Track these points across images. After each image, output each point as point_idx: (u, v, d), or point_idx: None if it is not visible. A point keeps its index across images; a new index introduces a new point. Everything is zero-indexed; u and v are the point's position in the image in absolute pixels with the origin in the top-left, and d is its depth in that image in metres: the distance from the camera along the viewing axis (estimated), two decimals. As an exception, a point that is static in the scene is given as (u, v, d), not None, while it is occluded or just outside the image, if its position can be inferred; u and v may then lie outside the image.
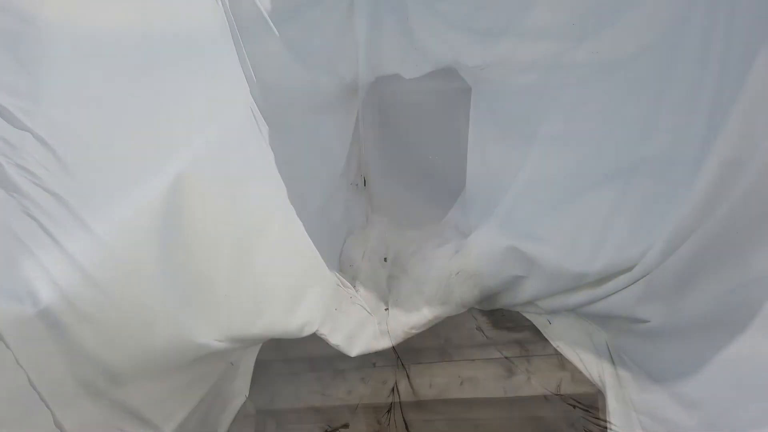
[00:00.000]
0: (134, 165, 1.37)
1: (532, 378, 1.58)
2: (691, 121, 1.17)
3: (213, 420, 1.85)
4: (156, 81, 1.38)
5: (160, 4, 1.38)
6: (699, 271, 0.94)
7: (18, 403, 1.16)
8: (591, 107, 1.54)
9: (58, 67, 1.21)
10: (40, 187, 1.19)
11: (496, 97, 1.75)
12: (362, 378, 1.82)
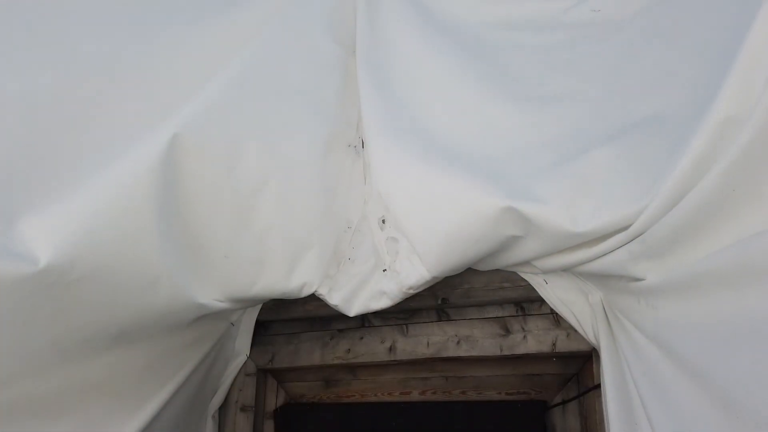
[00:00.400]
0: (131, 123, 1.36)
1: (528, 336, 1.61)
2: (692, 81, 1.16)
3: (215, 378, 1.89)
4: (153, 36, 1.36)
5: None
6: (695, 229, 0.94)
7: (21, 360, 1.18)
8: (592, 66, 1.52)
9: (48, 22, 1.18)
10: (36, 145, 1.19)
11: (497, 57, 1.72)
12: (361, 337, 1.85)
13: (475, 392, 1.77)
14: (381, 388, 1.89)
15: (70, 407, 1.33)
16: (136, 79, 1.44)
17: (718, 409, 0.86)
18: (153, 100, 1.44)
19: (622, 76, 1.40)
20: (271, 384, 2.03)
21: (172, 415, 1.62)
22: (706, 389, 0.90)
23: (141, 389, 1.52)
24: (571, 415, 1.62)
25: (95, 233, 1.15)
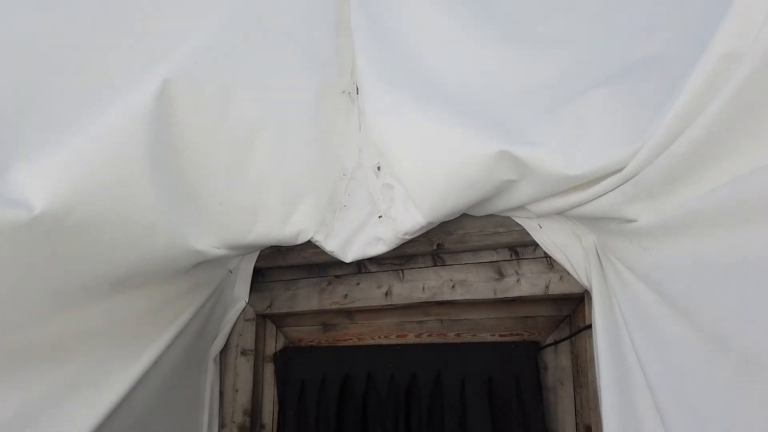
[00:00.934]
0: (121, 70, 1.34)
1: (521, 280, 1.64)
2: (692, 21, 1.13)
3: (215, 323, 1.92)
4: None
5: None
6: (690, 168, 0.94)
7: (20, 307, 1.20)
8: (588, 8, 1.49)
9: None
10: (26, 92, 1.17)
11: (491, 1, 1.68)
12: (357, 283, 1.88)
13: (469, 334, 1.81)
14: (378, 332, 1.93)
15: (72, 353, 1.36)
16: (126, 24, 1.40)
17: (705, 344, 0.89)
18: (143, 45, 1.40)
19: (620, 17, 1.37)
20: (270, 329, 2.07)
21: (173, 359, 1.66)
22: (694, 326, 0.92)
23: (142, 335, 1.55)
24: (563, 354, 1.67)
25: (89, 179, 1.15)
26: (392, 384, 1.82)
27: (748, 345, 0.78)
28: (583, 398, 1.59)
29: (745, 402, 0.77)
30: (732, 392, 0.80)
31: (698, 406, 0.86)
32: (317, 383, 1.90)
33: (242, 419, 1.95)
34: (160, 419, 1.65)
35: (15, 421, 1.22)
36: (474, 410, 1.67)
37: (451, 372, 1.74)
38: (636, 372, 1.15)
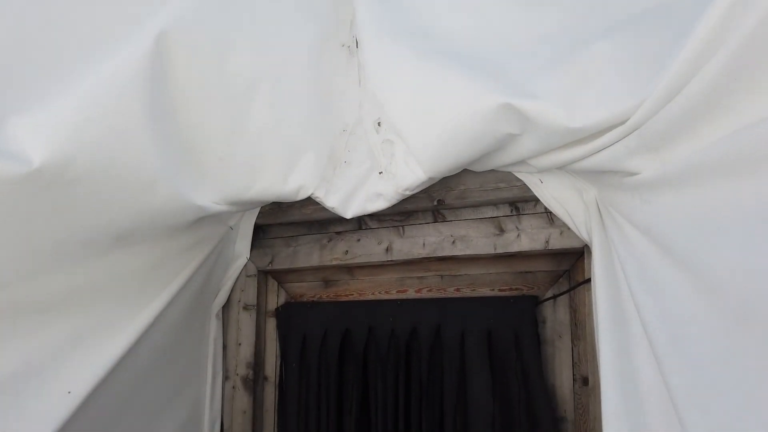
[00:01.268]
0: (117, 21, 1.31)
1: (521, 235, 1.64)
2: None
3: (216, 279, 1.94)
4: None
5: None
6: (693, 120, 0.93)
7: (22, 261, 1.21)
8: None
9: None
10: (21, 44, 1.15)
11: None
12: (358, 239, 1.88)
13: (469, 289, 1.83)
14: (378, 287, 1.95)
15: (75, 307, 1.38)
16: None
17: (704, 294, 0.89)
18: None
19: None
20: (272, 285, 2.09)
21: (176, 314, 1.69)
22: (693, 277, 0.93)
23: (144, 290, 1.56)
24: (562, 308, 1.69)
25: (86, 133, 1.14)
26: (392, 338, 1.85)
27: (746, 294, 0.79)
28: (580, 350, 1.62)
29: (743, 350, 0.78)
30: (729, 341, 0.81)
31: (696, 354, 0.88)
32: (318, 337, 1.93)
33: (245, 372, 1.99)
34: (165, 372, 1.69)
35: (20, 373, 1.24)
36: (473, 363, 1.70)
37: (451, 326, 1.77)
38: (634, 324, 1.17)
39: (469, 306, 1.77)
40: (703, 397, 0.84)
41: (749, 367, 0.76)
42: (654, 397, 1.06)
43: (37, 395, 1.27)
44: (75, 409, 1.32)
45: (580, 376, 1.62)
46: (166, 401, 1.72)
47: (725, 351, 0.81)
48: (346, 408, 1.87)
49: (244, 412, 1.97)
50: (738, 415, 0.76)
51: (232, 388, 2.00)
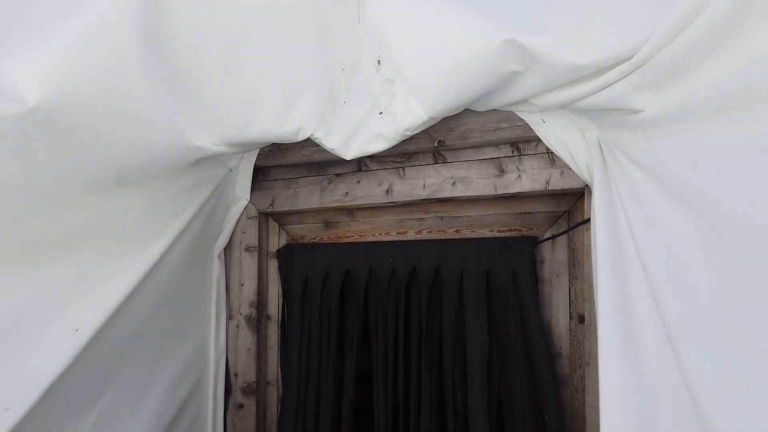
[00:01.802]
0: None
1: (522, 176, 1.64)
2: None
3: (217, 221, 1.95)
4: None
5: None
6: (699, 56, 0.90)
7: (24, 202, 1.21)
8: None
9: None
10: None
11: None
12: (358, 181, 1.88)
13: (468, 230, 1.84)
14: (378, 229, 1.97)
15: (78, 248, 1.39)
16: None
17: (703, 230, 0.90)
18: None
19: None
20: (273, 227, 2.11)
21: (179, 255, 1.71)
22: (692, 213, 0.94)
23: (146, 231, 1.58)
24: (560, 248, 1.71)
25: (81, 71, 1.12)
26: (393, 278, 1.88)
27: (745, 229, 0.80)
28: (577, 289, 1.65)
29: (739, 283, 0.79)
30: (726, 274, 0.82)
31: (693, 288, 0.89)
32: (320, 277, 1.97)
33: (249, 311, 2.04)
34: (170, 311, 1.72)
35: (27, 311, 1.27)
36: (471, 302, 1.73)
37: (450, 266, 1.80)
38: (632, 261, 1.19)
39: (468, 247, 1.79)
40: (698, 329, 0.87)
41: (745, 299, 0.77)
42: (649, 332, 1.09)
43: (44, 333, 1.30)
44: (83, 347, 1.36)
45: (576, 314, 1.66)
46: (173, 339, 1.77)
47: (722, 284, 0.82)
48: (347, 345, 1.92)
49: (248, 350, 2.03)
50: (733, 345, 0.79)
51: (236, 327, 2.05)
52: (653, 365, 1.06)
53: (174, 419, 1.78)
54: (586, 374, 1.58)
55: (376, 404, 1.84)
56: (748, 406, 0.75)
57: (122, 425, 1.57)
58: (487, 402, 1.65)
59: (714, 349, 0.82)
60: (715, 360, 0.82)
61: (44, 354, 1.29)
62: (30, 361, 1.26)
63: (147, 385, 1.67)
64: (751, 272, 0.76)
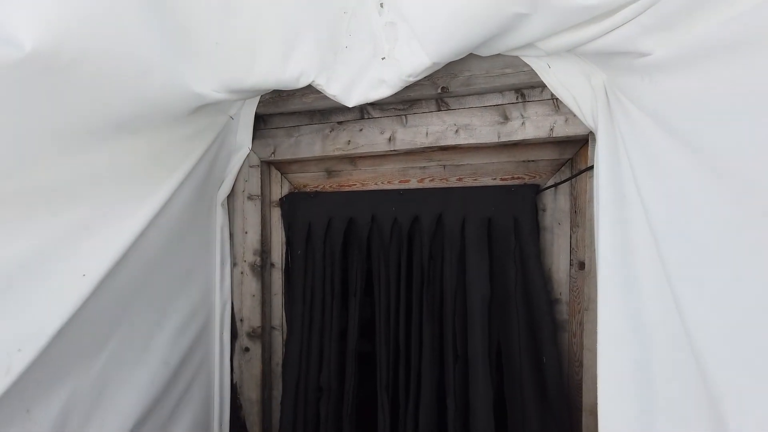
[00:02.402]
0: None
1: (526, 123, 1.62)
2: None
3: (220, 169, 1.95)
4: None
5: None
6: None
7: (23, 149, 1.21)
8: None
9: None
10: None
11: None
12: (360, 129, 1.86)
13: (471, 179, 1.84)
14: (381, 177, 1.96)
15: (82, 196, 1.40)
16: None
17: (707, 174, 0.90)
18: None
19: None
20: (275, 175, 2.11)
21: (181, 203, 1.71)
22: (698, 157, 0.93)
23: (148, 179, 1.57)
24: (562, 196, 1.71)
25: (77, 15, 1.10)
26: (395, 226, 1.90)
27: (748, 173, 0.80)
28: (578, 237, 1.67)
29: (739, 224, 0.80)
30: (728, 217, 0.83)
31: (694, 230, 0.90)
32: (323, 225, 1.98)
33: (253, 259, 2.06)
34: (175, 257, 1.74)
35: (33, 256, 1.28)
36: (473, 249, 1.75)
37: (452, 214, 1.81)
38: (634, 208, 1.19)
39: (470, 195, 1.79)
40: (698, 270, 0.88)
41: (744, 241, 0.78)
42: (648, 276, 1.11)
43: (52, 278, 1.32)
44: (91, 291, 1.38)
45: (576, 260, 1.68)
46: (179, 284, 1.80)
47: (722, 226, 0.83)
48: (351, 291, 1.95)
49: (253, 296, 2.07)
50: (731, 285, 0.80)
51: (241, 274, 2.08)
52: (651, 308, 1.08)
53: (181, 363, 1.83)
54: (584, 319, 1.61)
55: (379, 349, 1.88)
56: (745, 343, 0.77)
57: (130, 369, 1.62)
58: (487, 345, 1.69)
59: (713, 290, 0.84)
60: (714, 299, 0.83)
61: (53, 298, 1.32)
62: (40, 304, 1.29)
63: (154, 330, 1.71)
64: (751, 215, 0.77)
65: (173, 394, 1.81)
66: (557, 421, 1.61)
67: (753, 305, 0.75)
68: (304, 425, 1.97)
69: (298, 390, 1.98)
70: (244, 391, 2.10)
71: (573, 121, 1.56)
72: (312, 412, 1.97)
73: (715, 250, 0.84)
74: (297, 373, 1.98)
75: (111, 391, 1.55)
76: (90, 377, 1.48)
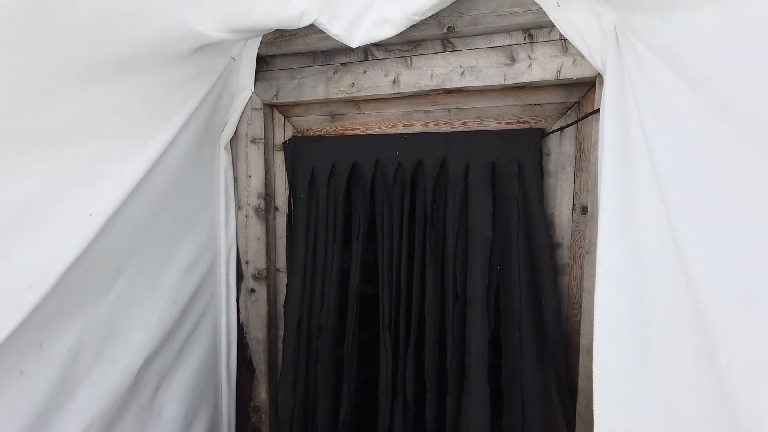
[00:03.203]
0: None
1: (533, 64, 1.59)
2: None
3: (222, 112, 1.94)
4: None
5: None
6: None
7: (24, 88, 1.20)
8: None
9: None
10: None
11: None
12: (364, 71, 1.83)
13: (476, 123, 1.82)
14: (385, 121, 1.95)
15: (85, 136, 1.39)
16: None
17: (714, 114, 0.89)
18: None
19: None
20: (278, 119, 2.09)
21: (185, 145, 1.71)
22: (705, 97, 0.92)
23: (151, 120, 1.57)
24: (567, 140, 1.70)
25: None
26: (399, 170, 1.89)
27: (756, 112, 0.79)
28: (582, 181, 1.66)
29: (743, 165, 0.80)
30: (733, 156, 0.83)
31: (698, 171, 0.90)
32: (326, 169, 1.98)
33: (257, 202, 2.08)
34: (180, 199, 1.76)
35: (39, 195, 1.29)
36: (476, 193, 1.75)
37: (456, 158, 1.80)
38: (638, 150, 1.18)
39: (475, 139, 1.78)
40: (700, 211, 0.88)
41: (748, 180, 0.78)
42: (649, 217, 1.11)
43: (59, 216, 1.33)
44: (98, 230, 1.40)
45: (579, 205, 1.68)
46: (184, 226, 1.82)
47: (726, 167, 0.83)
48: (353, 235, 1.97)
49: (258, 239, 2.09)
50: (732, 224, 0.80)
51: (245, 217, 2.10)
52: (650, 250, 1.09)
53: (189, 302, 1.88)
54: (585, 262, 1.63)
55: (381, 291, 1.92)
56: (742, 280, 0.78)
57: (139, 308, 1.66)
58: (486, 287, 1.72)
59: (713, 228, 0.84)
60: (714, 238, 0.84)
61: (61, 237, 1.33)
62: (48, 243, 1.31)
63: (161, 269, 1.74)
64: (754, 154, 0.76)
65: (182, 333, 1.87)
66: (554, 361, 1.66)
67: (753, 242, 0.76)
68: (306, 362, 2.03)
69: (299, 329, 2.03)
70: (250, 331, 2.16)
71: (581, 62, 1.53)
72: (312, 351, 2.03)
73: (718, 190, 0.84)
74: (298, 313, 2.03)
75: (121, 328, 1.59)
76: (101, 314, 1.52)
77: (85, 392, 1.49)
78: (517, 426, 1.69)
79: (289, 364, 2.04)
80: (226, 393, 2.13)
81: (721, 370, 0.81)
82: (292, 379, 2.04)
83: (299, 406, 2.04)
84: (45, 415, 1.37)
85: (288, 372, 2.04)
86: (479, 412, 1.70)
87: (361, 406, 2.14)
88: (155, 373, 1.76)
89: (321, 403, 1.99)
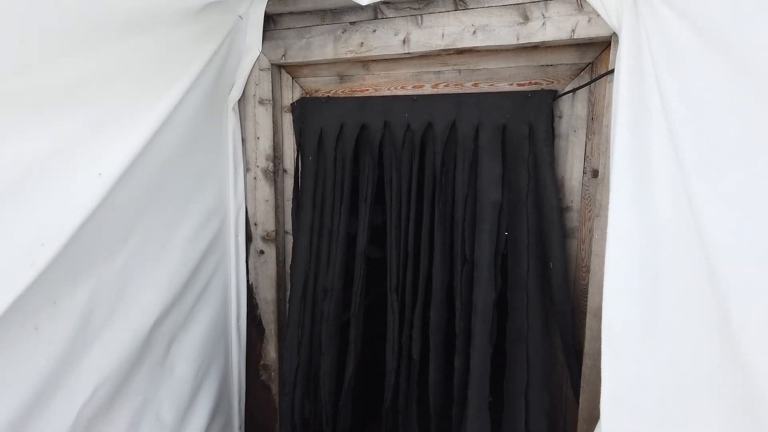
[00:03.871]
0: None
1: (547, 23, 1.55)
2: None
3: (230, 72, 1.91)
4: None
5: None
6: None
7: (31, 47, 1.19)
8: None
9: None
10: None
11: None
12: (374, 30, 1.80)
13: (487, 84, 1.79)
14: (394, 83, 1.92)
15: (93, 96, 1.38)
16: None
17: (731, 74, 0.87)
18: None
19: None
20: (286, 79, 2.07)
21: (193, 105, 1.70)
22: (723, 57, 0.90)
23: (159, 80, 1.55)
24: (580, 102, 1.67)
25: None
26: (408, 132, 1.88)
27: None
28: (594, 144, 1.64)
29: (761, 127, 0.78)
30: (750, 119, 0.81)
31: (715, 132, 0.89)
32: (334, 131, 1.96)
33: (265, 164, 2.07)
34: (189, 159, 1.76)
35: (48, 154, 1.29)
36: (486, 155, 1.74)
37: (466, 120, 1.78)
38: (653, 112, 1.16)
39: (485, 101, 1.75)
40: (716, 172, 0.87)
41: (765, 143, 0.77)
42: (662, 180, 1.10)
43: (68, 176, 1.33)
44: (108, 190, 1.40)
45: (590, 168, 1.67)
46: (193, 187, 1.82)
47: (743, 128, 0.82)
48: (361, 197, 1.97)
49: (266, 201, 2.10)
50: (747, 182, 0.80)
51: (254, 179, 2.10)
52: (662, 211, 1.09)
53: (199, 263, 1.90)
54: (594, 226, 1.62)
55: (389, 253, 1.93)
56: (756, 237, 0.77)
57: (151, 266, 1.68)
58: (494, 249, 1.73)
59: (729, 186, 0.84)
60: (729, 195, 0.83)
61: (71, 196, 1.34)
62: (58, 202, 1.32)
63: (171, 230, 1.75)
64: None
65: (192, 292, 1.89)
66: (561, 323, 1.68)
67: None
68: (311, 322, 2.06)
69: (305, 290, 2.05)
70: (260, 291, 2.19)
71: (596, 21, 1.49)
72: (317, 312, 2.06)
73: (734, 148, 0.83)
74: (304, 275, 2.05)
75: (133, 287, 1.62)
76: (112, 273, 1.54)
77: (99, 349, 1.52)
78: (521, 386, 1.72)
79: (294, 325, 2.07)
80: (236, 351, 2.17)
81: (733, 331, 0.81)
82: (297, 339, 2.07)
83: (303, 366, 2.07)
84: (59, 371, 1.40)
85: (293, 332, 2.07)
86: (482, 371, 1.73)
87: (365, 367, 2.18)
88: (167, 332, 1.79)
89: (325, 363, 2.03)
